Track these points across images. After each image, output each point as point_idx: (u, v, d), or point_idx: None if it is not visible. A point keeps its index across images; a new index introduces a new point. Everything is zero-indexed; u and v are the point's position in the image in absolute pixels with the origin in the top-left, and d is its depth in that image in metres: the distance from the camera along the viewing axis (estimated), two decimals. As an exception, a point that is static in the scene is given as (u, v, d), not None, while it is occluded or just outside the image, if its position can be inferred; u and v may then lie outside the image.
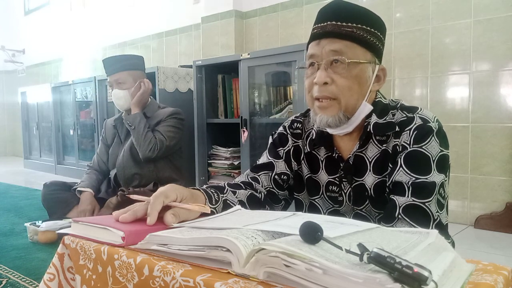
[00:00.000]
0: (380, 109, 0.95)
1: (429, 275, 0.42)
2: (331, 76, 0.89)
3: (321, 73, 0.89)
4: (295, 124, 1.09)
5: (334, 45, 0.89)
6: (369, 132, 0.94)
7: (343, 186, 0.99)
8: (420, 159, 0.87)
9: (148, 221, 0.70)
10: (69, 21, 5.61)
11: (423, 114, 0.91)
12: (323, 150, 1.03)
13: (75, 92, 4.51)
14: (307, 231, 0.52)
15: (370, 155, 0.95)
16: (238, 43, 3.40)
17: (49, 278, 0.77)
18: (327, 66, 0.90)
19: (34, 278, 1.62)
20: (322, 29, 0.91)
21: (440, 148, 0.89)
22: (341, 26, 0.89)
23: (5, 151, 7.26)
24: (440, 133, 0.90)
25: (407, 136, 0.89)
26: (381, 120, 0.94)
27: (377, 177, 0.94)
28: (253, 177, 1.06)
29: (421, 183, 0.86)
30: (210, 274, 0.54)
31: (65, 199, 2.29)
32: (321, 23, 0.92)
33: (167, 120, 2.33)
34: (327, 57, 0.89)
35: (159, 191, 0.75)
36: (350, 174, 0.97)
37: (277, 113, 2.71)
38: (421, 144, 0.88)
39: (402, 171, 0.88)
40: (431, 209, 0.85)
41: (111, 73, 2.35)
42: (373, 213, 0.97)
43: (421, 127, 0.89)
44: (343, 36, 0.89)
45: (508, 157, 2.26)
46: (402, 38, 2.58)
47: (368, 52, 0.91)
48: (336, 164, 1.00)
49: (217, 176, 3.01)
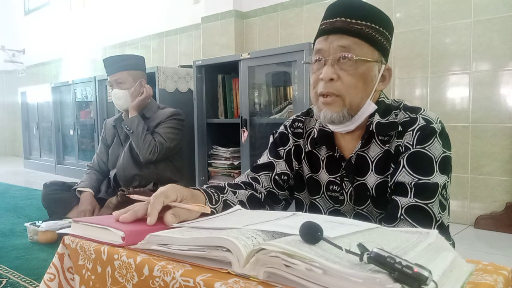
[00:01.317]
0: (383, 109, 0.95)
1: (429, 275, 0.42)
2: (337, 73, 0.89)
3: (328, 69, 0.89)
4: (296, 123, 1.09)
5: (342, 41, 0.88)
6: (372, 132, 0.94)
7: (344, 185, 0.99)
8: (423, 160, 0.87)
9: (148, 221, 0.70)
10: (69, 21, 5.61)
11: (426, 115, 0.91)
12: (324, 149, 1.02)
13: (75, 92, 4.51)
14: (307, 231, 0.52)
15: (372, 155, 0.95)
16: (238, 43, 3.40)
17: (49, 278, 0.77)
18: (334, 62, 0.89)
19: (34, 278, 1.62)
20: (331, 24, 0.90)
21: (443, 149, 0.89)
22: (350, 23, 0.88)
23: (5, 151, 7.26)
24: (443, 134, 0.90)
25: (410, 137, 0.89)
26: (383, 120, 0.94)
27: (379, 177, 0.94)
28: (253, 177, 1.05)
29: (423, 184, 0.86)
30: (210, 274, 0.54)
31: (65, 199, 2.28)
32: (330, 18, 0.91)
33: (166, 122, 2.33)
34: (335, 53, 0.89)
35: (159, 191, 0.75)
36: (352, 173, 0.97)
37: (277, 113, 2.71)
38: (424, 145, 0.88)
39: (404, 171, 0.88)
40: (433, 210, 0.85)
41: (111, 72, 2.35)
42: (374, 213, 0.97)
43: (424, 128, 0.89)
44: (351, 33, 0.88)
45: (508, 157, 2.26)
46: (402, 38, 2.58)
47: (376, 51, 0.91)
48: (338, 164, 0.99)
49: (217, 176, 3.01)
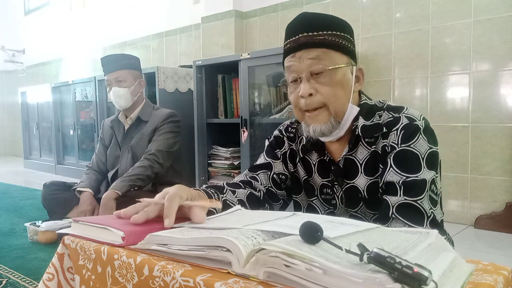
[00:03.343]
0: (366, 110, 0.97)
1: (429, 275, 0.42)
2: (314, 87, 0.91)
3: (305, 85, 0.91)
4: (289, 128, 1.12)
5: (311, 54, 0.91)
6: (358, 135, 0.95)
7: (335, 189, 1.01)
8: (409, 158, 0.88)
9: (166, 224, 0.70)
10: (69, 21, 5.61)
11: (409, 113, 0.92)
12: (315, 154, 1.04)
13: (75, 92, 4.51)
14: (307, 231, 0.52)
15: (360, 157, 0.96)
16: (238, 43, 3.40)
17: (48, 278, 0.77)
18: (308, 77, 0.91)
19: (34, 278, 1.62)
20: (295, 42, 0.93)
21: (429, 145, 0.89)
22: (313, 36, 0.91)
23: (5, 151, 7.26)
24: (427, 130, 0.91)
25: (394, 136, 0.90)
26: (368, 122, 0.95)
27: (369, 179, 0.95)
28: (252, 176, 1.07)
29: (411, 181, 0.86)
30: (210, 274, 0.54)
31: (65, 199, 2.28)
32: (293, 37, 0.94)
33: (163, 127, 2.30)
34: (307, 67, 0.91)
35: (172, 193, 0.74)
36: (340, 177, 0.99)
37: (277, 113, 2.71)
38: (409, 143, 0.89)
39: (392, 171, 0.89)
40: (424, 206, 0.85)
41: (111, 70, 2.33)
42: (368, 214, 0.98)
43: (408, 126, 0.90)
44: (317, 45, 0.91)
45: (508, 157, 2.26)
46: (402, 38, 2.58)
47: (344, 55, 0.93)
48: (328, 167, 1.01)
49: (217, 176, 3.01)
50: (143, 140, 2.32)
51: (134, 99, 2.35)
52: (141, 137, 2.33)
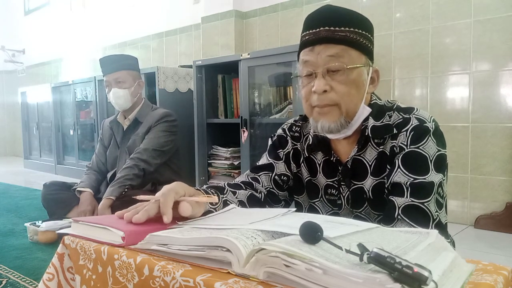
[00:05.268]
0: (376, 111, 0.95)
1: (429, 275, 0.42)
2: (329, 84, 0.89)
3: (320, 81, 0.88)
4: (294, 127, 1.09)
5: (330, 50, 0.88)
6: (367, 136, 0.94)
7: (341, 189, 0.99)
8: (418, 160, 0.87)
9: (165, 220, 0.71)
10: (69, 21, 5.61)
11: (419, 114, 0.91)
12: (320, 154, 1.03)
13: (75, 92, 4.51)
14: (307, 231, 0.52)
15: (369, 158, 0.95)
16: (238, 43, 3.40)
17: (48, 278, 0.77)
18: (324, 73, 0.89)
19: (34, 278, 1.62)
20: (315, 35, 0.90)
21: (437, 148, 0.88)
22: (334, 31, 0.88)
23: (5, 151, 7.25)
24: (437, 132, 0.90)
25: (404, 137, 0.89)
26: (378, 123, 0.94)
27: (375, 179, 0.94)
28: (253, 177, 1.06)
29: (419, 183, 0.86)
30: (210, 274, 0.54)
31: (65, 199, 2.28)
32: (313, 29, 0.90)
33: (157, 126, 2.30)
34: (324, 63, 0.88)
35: (167, 189, 0.75)
36: (348, 177, 0.97)
37: (277, 113, 2.71)
38: (418, 144, 0.88)
39: (400, 172, 0.88)
40: (430, 209, 0.85)
41: (110, 71, 2.33)
42: (372, 215, 0.97)
43: (418, 128, 0.89)
44: (338, 41, 0.88)
45: (508, 157, 2.26)
46: (402, 38, 2.58)
47: (363, 55, 0.91)
48: (335, 168, 1.00)
49: (217, 176, 3.01)
50: (137, 141, 2.32)
51: (133, 100, 2.35)
52: (136, 138, 2.33)
